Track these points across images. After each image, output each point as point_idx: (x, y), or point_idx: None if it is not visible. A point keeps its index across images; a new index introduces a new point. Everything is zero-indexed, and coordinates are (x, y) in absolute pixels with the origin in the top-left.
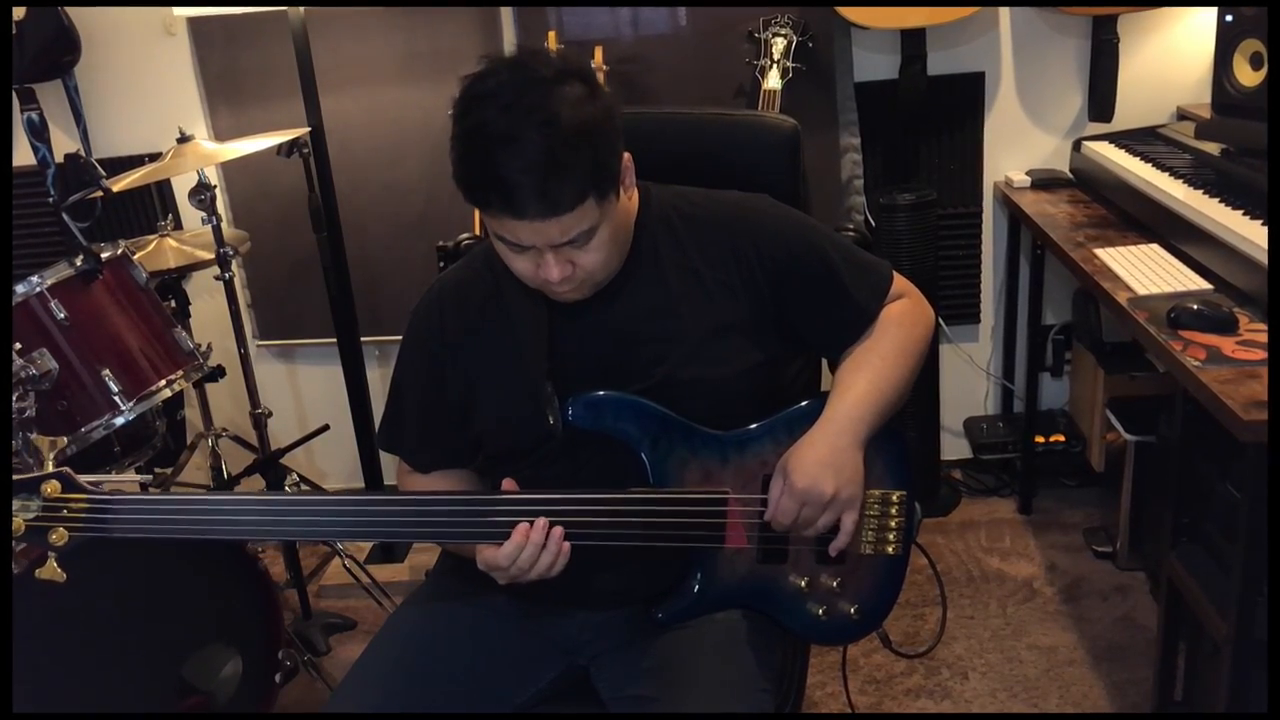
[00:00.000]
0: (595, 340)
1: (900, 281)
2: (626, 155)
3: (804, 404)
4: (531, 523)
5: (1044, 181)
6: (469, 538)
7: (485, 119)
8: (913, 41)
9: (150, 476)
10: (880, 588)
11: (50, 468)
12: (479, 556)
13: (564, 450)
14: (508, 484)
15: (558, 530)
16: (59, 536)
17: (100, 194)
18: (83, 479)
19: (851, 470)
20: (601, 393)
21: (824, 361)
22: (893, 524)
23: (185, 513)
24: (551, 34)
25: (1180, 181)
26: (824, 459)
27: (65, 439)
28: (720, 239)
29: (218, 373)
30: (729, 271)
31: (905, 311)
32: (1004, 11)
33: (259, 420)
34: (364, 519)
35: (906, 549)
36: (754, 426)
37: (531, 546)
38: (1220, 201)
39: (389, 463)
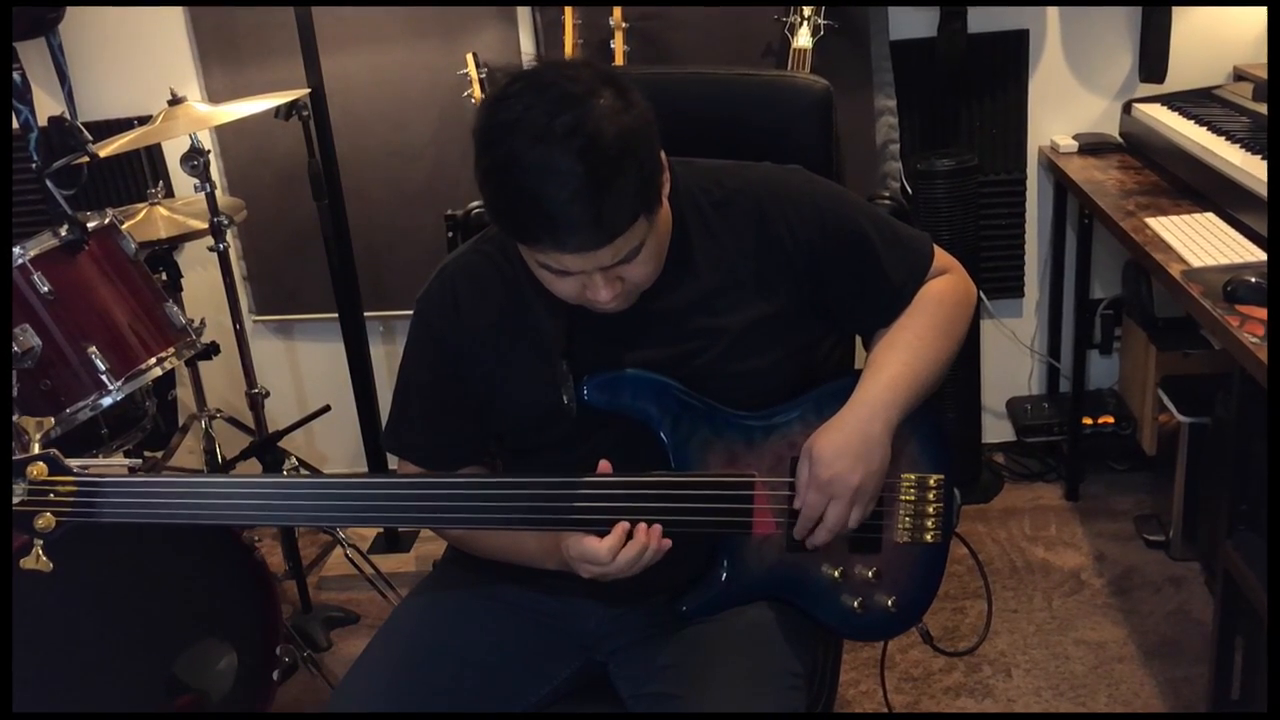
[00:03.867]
0: (622, 336)
1: (942, 256)
2: (663, 154)
3: (835, 382)
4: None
5: (1092, 146)
6: (480, 524)
7: (517, 151)
8: None
9: (140, 460)
10: (919, 578)
11: (36, 449)
12: (574, 549)
13: (582, 433)
14: (604, 466)
15: (656, 528)
16: (46, 522)
17: (86, 159)
18: (70, 462)
19: (880, 459)
20: (616, 371)
21: (858, 343)
22: (930, 510)
23: (180, 496)
24: None
25: (1237, 146)
26: (851, 446)
27: (52, 419)
28: (752, 222)
29: (211, 350)
30: (762, 258)
31: (946, 288)
32: None
33: (255, 400)
34: (375, 504)
35: (946, 537)
36: (782, 406)
37: (638, 545)
38: None
39: None
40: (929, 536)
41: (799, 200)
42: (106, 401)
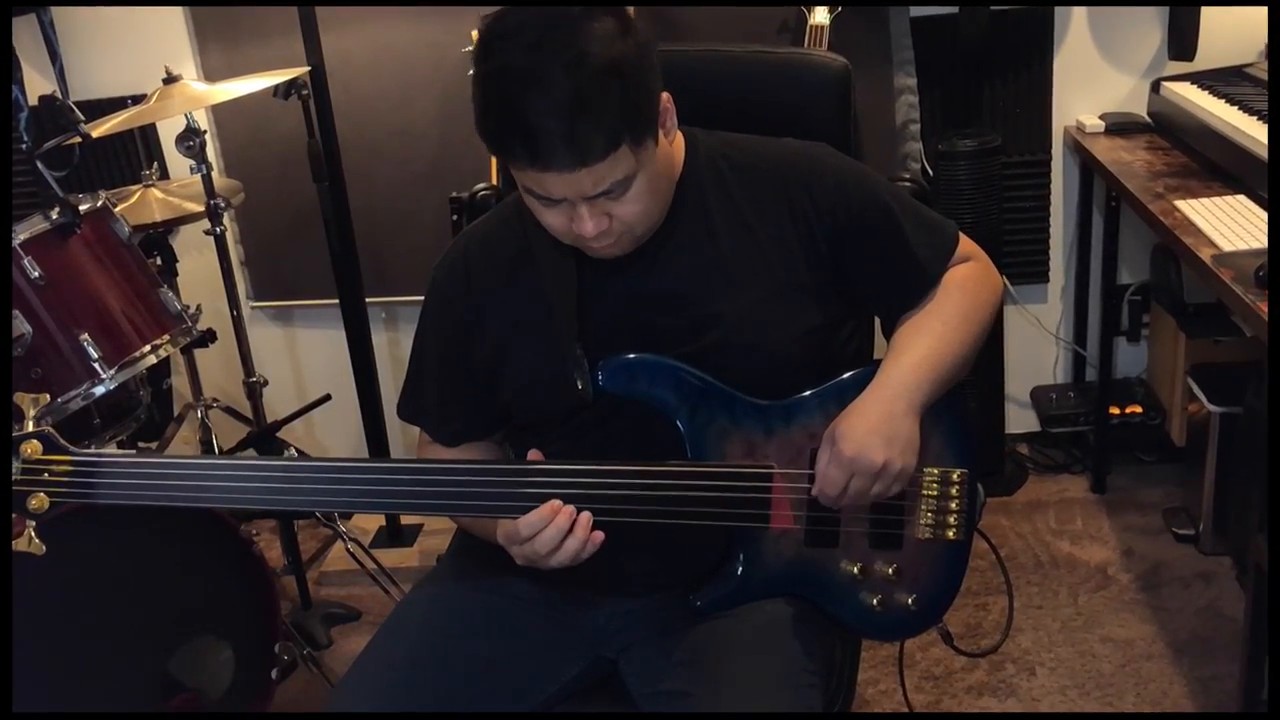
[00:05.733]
0: (636, 302)
1: (967, 244)
2: (666, 95)
3: (856, 371)
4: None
5: (1119, 126)
6: (488, 511)
7: (507, 60)
8: None
9: (133, 451)
10: (940, 577)
11: (31, 427)
12: (500, 529)
13: (596, 420)
14: (534, 454)
15: (585, 515)
16: (39, 503)
17: (78, 140)
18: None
19: (905, 440)
20: (633, 355)
21: (877, 328)
22: (953, 506)
23: (179, 477)
24: None
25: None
26: (874, 426)
27: (48, 395)
28: (774, 191)
29: (208, 337)
30: (784, 227)
31: (971, 276)
32: None
33: (253, 389)
34: (374, 488)
35: (968, 534)
36: (801, 396)
37: (555, 529)
38: None
39: (396, 437)
40: (951, 534)
41: (823, 172)
42: (99, 390)
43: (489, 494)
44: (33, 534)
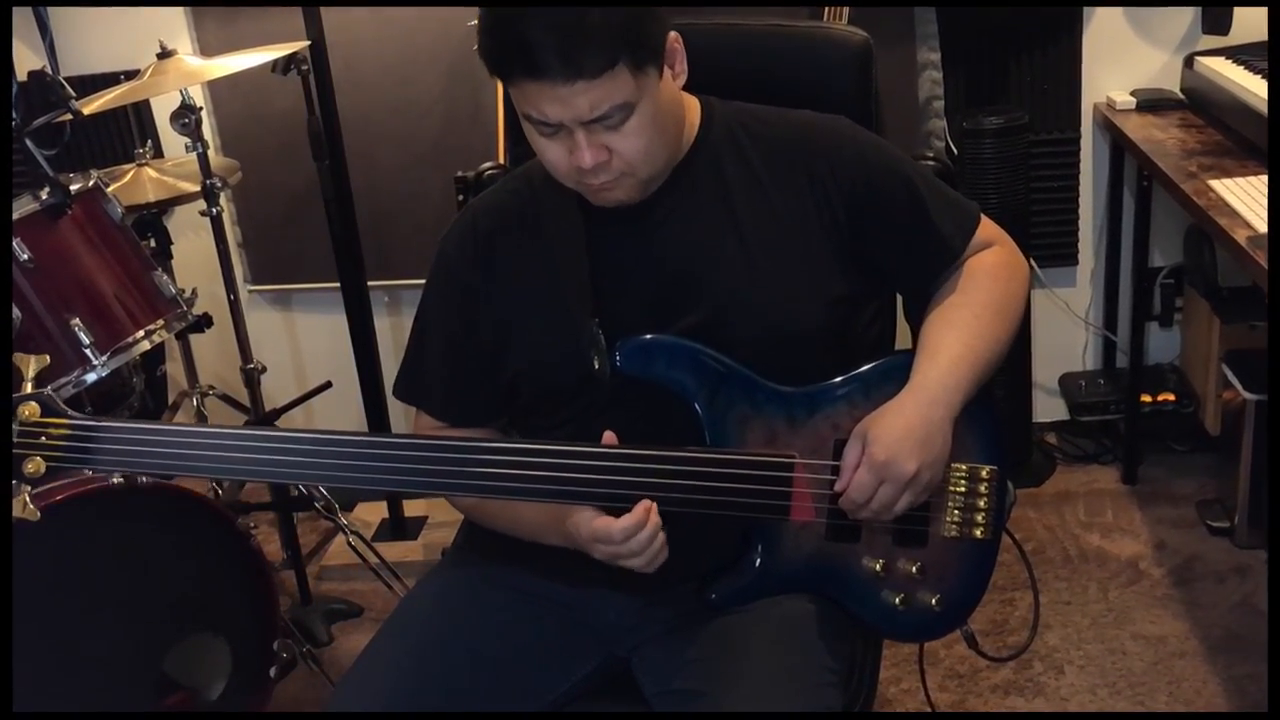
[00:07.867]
0: (647, 270)
1: (990, 227)
2: (674, 35)
3: (881, 361)
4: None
5: (1151, 103)
6: (500, 493)
7: None
8: None
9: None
10: (966, 576)
11: (29, 389)
12: (587, 528)
13: (609, 402)
14: (608, 437)
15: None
16: (35, 467)
17: (69, 117)
18: None
19: (940, 449)
20: (651, 336)
21: (899, 317)
22: (981, 504)
23: (179, 445)
24: None
25: None
26: (912, 430)
27: (48, 357)
28: (793, 161)
29: (204, 322)
30: (803, 197)
31: (999, 262)
32: None
33: (251, 376)
34: (382, 463)
35: (997, 533)
36: (826, 384)
37: (652, 528)
38: None
39: (400, 426)
40: (978, 532)
41: (842, 143)
42: (91, 377)
43: (489, 474)
44: (28, 499)
